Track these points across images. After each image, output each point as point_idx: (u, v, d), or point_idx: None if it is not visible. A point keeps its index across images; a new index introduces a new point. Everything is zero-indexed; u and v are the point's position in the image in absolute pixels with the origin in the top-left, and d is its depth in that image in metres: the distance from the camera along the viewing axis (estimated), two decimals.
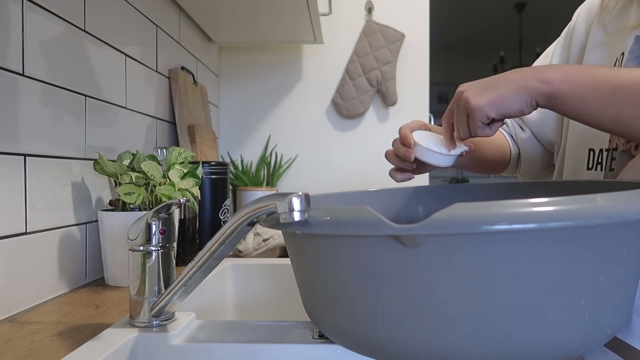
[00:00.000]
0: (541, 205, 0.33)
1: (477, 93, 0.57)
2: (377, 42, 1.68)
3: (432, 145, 0.64)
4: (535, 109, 0.56)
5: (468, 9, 4.60)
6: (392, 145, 0.71)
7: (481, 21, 4.96)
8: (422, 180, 1.70)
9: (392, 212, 0.69)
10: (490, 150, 0.85)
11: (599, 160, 0.72)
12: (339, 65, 1.73)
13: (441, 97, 5.94)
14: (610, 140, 0.70)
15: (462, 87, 0.60)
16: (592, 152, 0.73)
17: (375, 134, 1.73)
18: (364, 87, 1.69)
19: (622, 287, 0.39)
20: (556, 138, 0.82)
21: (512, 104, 0.55)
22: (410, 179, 0.71)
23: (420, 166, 0.70)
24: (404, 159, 0.67)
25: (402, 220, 0.70)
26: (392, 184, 0.72)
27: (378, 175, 1.72)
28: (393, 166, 0.71)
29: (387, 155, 0.72)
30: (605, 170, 0.70)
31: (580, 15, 0.80)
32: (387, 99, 1.69)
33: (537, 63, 0.87)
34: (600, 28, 0.75)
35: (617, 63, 0.70)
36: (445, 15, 4.61)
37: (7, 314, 0.61)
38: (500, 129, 0.88)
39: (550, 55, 0.84)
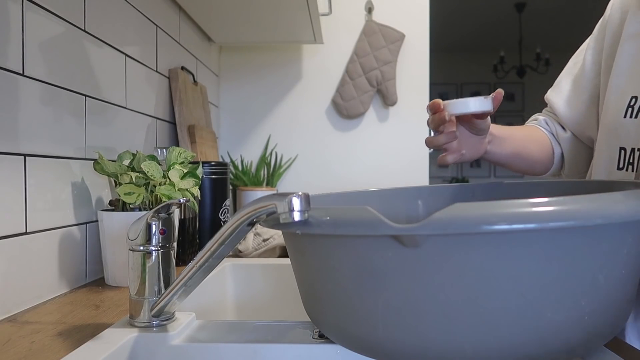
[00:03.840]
0: (541, 205, 0.33)
1: None
2: (377, 42, 1.68)
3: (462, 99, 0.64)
4: None
5: (468, 9, 4.60)
6: (428, 125, 0.70)
7: (481, 21, 4.96)
8: (422, 180, 1.70)
9: (392, 212, 0.69)
10: (535, 147, 0.83)
11: (630, 160, 0.68)
12: (339, 65, 1.73)
13: (441, 97, 5.93)
14: None
15: None
16: (623, 151, 0.69)
17: (375, 134, 1.73)
18: (364, 87, 1.68)
19: (622, 287, 0.39)
20: (595, 135, 0.80)
21: None
22: (461, 156, 0.70)
23: (464, 139, 0.69)
24: (441, 124, 0.67)
25: (402, 220, 0.70)
26: (392, 184, 0.72)
27: (378, 175, 1.72)
28: (439, 156, 0.71)
29: (428, 142, 0.71)
30: (636, 171, 0.66)
31: (614, 5, 0.77)
32: (387, 99, 1.69)
33: (572, 59, 0.86)
34: (637, 17, 0.71)
35: None
36: (445, 15, 4.61)
37: (7, 314, 0.61)
38: (541, 127, 0.87)
39: (584, 50, 0.82)
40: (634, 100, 0.68)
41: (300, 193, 0.38)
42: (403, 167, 1.72)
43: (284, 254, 1.04)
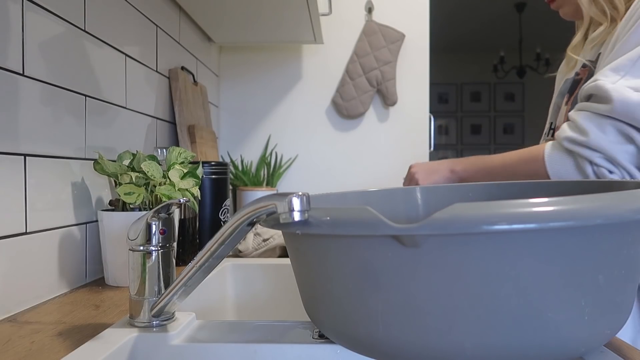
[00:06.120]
0: (541, 205, 0.33)
1: (424, 176, 0.95)
2: (377, 42, 1.68)
3: None
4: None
5: (468, 9, 4.60)
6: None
7: (481, 21, 4.96)
8: None
9: (392, 212, 0.69)
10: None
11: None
12: (339, 65, 1.73)
13: (441, 97, 5.93)
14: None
15: (414, 169, 0.97)
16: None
17: (375, 134, 1.73)
18: (364, 87, 1.68)
19: (622, 287, 0.39)
20: None
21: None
22: None
23: None
24: None
25: (402, 220, 0.70)
26: (392, 184, 0.72)
27: (378, 175, 1.72)
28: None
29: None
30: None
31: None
32: (387, 99, 1.69)
33: None
34: (565, 60, 0.97)
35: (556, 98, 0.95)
36: (445, 15, 4.61)
37: (7, 314, 0.61)
38: None
39: None
40: (549, 124, 0.96)
41: (300, 193, 0.38)
42: (403, 167, 1.72)
43: (284, 254, 1.04)
